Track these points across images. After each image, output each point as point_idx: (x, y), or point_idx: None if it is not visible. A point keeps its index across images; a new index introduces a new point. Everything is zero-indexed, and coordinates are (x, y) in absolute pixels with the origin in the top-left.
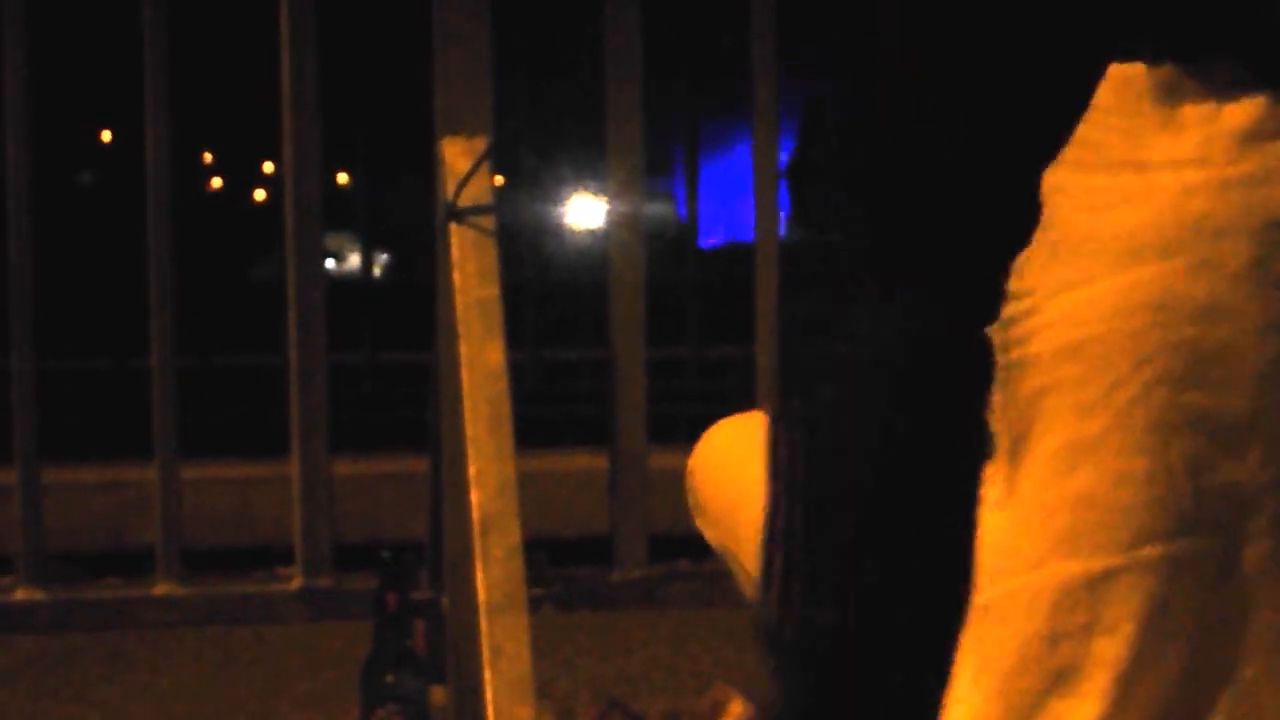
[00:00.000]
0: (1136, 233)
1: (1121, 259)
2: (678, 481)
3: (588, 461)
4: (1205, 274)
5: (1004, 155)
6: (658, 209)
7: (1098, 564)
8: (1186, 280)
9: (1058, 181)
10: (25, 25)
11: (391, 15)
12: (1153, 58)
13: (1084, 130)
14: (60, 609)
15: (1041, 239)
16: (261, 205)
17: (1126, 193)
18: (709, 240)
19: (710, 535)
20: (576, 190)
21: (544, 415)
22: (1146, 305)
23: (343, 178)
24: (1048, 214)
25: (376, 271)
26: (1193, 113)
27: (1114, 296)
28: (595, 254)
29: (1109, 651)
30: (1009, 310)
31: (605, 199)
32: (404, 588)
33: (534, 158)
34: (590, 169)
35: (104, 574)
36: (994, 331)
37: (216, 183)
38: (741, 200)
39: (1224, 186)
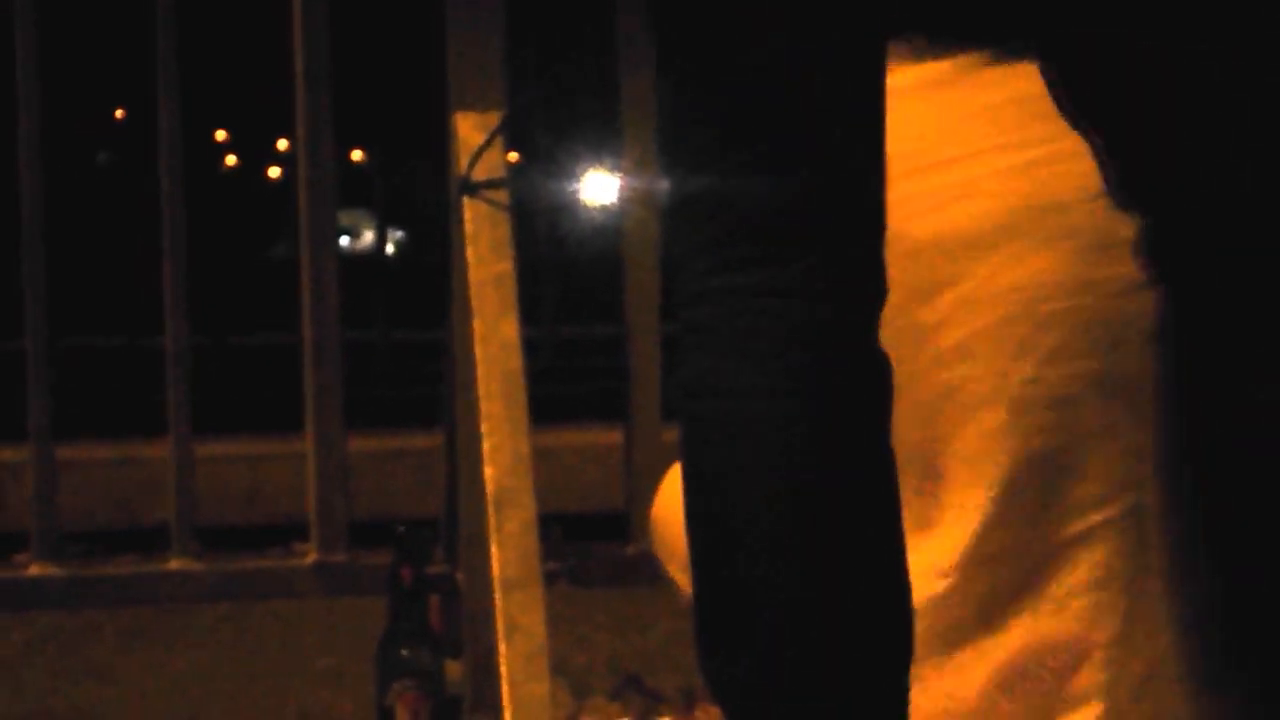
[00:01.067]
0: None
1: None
2: None
3: (603, 437)
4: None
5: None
6: None
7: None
8: (1037, 259)
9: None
10: (38, 5)
11: None
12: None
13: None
14: (75, 585)
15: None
16: (276, 183)
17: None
18: None
19: (682, 581)
20: (592, 166)
21: (559, 391)
22: (1011, 288)
23: (357, 154)
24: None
25: (391, 248)
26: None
27: (978, 289)
28: (610, 230)
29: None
30: (897, 322)
31: (620, 175)
32: (419, 563)
33: (548, 133)
34: (605, 145)
35: (119, 552)
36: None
37: (231, 160)
38: None
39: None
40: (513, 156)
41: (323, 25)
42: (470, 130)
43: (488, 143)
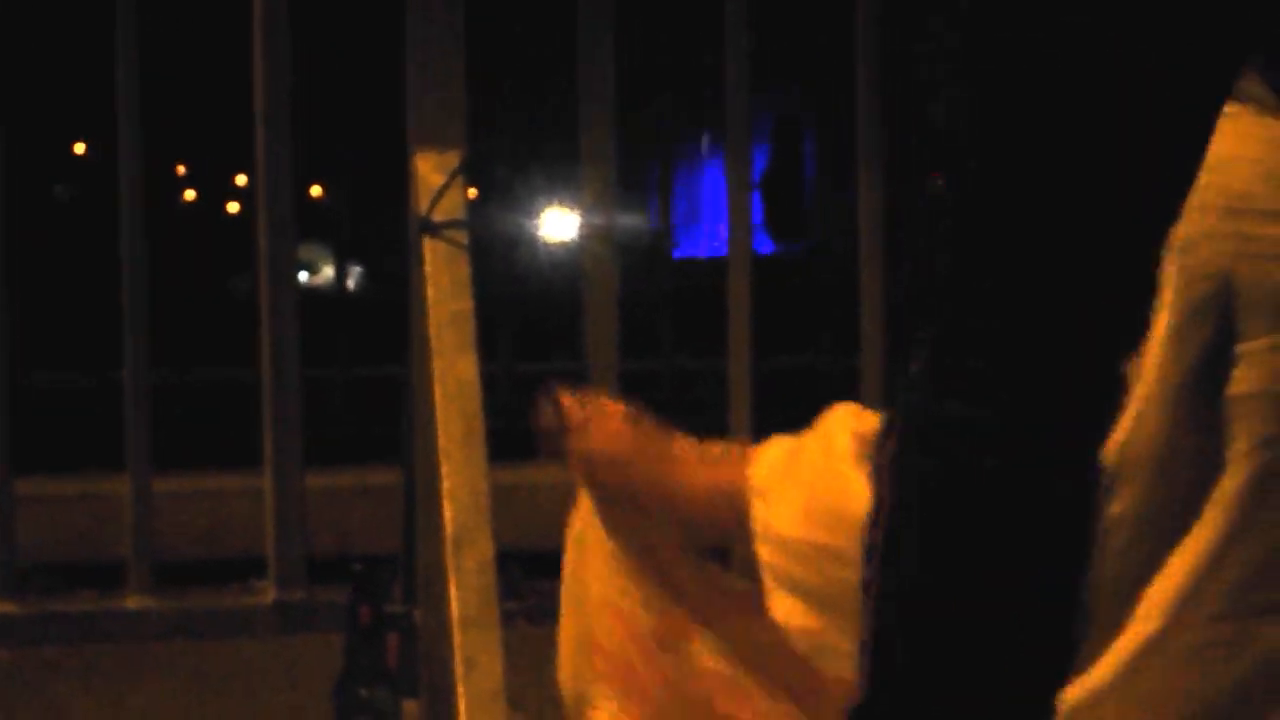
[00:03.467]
0: None
1: None
2: None
3: (561, 475)
4: None
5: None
6: (631, 221)
7: None
8: None
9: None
10: None
11: (365, 28)
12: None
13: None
14: (32, 622)
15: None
16: (234, 217)
17: None
18: (683, 252)
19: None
20: (550, 203)
21: (518, 428)
22: None
23: (316, 190)
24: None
25: (350, 284)
26: None
27: None
28: (569, 267)
29: None
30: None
31: (578, 212)
32: (377, 601)
33: (508, 172)
34: (564, 182)
35: (80, 586)
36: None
37: (190, 195)
38: (715, 212)
39: None
40: (471, 192)
41: (283, 61)
42: (430, 170)
43: (448, 184)
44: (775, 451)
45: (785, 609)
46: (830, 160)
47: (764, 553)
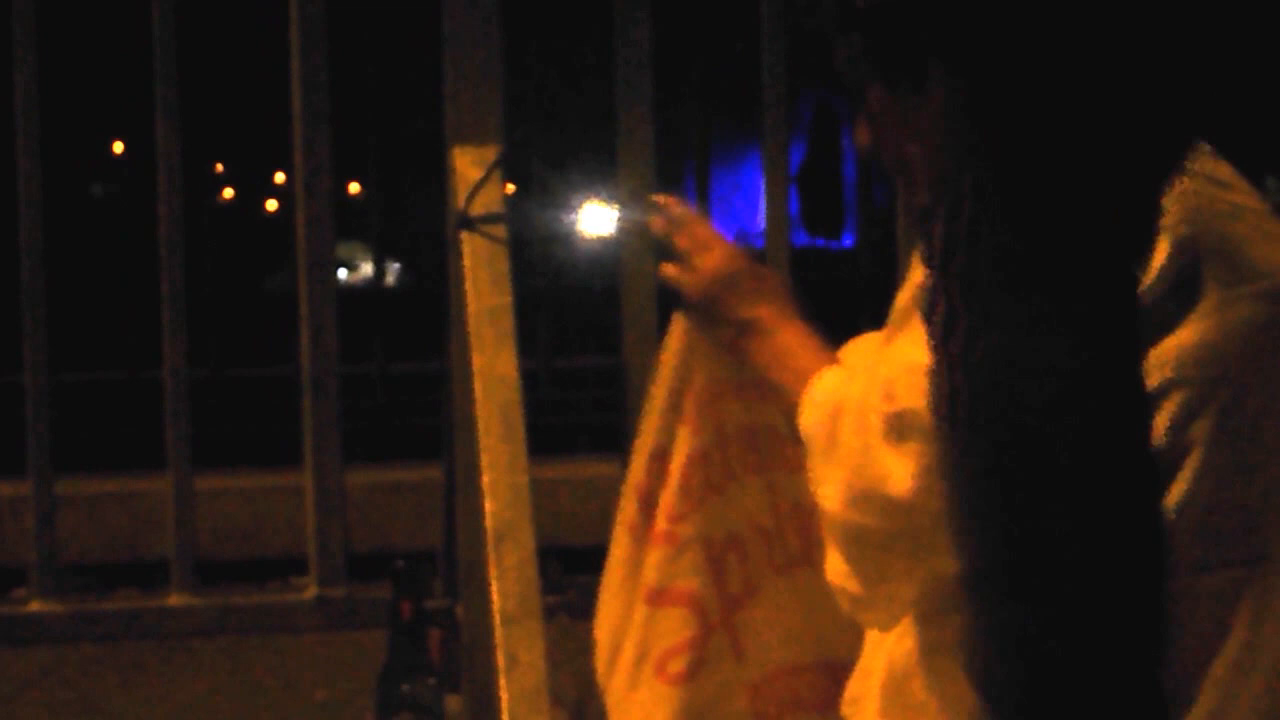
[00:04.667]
0: None
1: None
2: None
3: (601, 469)
4: None
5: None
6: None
7: None
8: None
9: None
10: (37, 38)
11: (402, 25)
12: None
13: None
14: (75, 620)
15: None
16: (273, 215)
17: None
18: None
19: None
20: (588, 198)
21: (557, 423)
22: None
23: (354, 187)
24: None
25: (389, 280)
26: None
27: None
28: (607, 262)
29: None
30: None
31: (616, 207)
32: (418, 597)
33: (545, 166)
34: (602, 177)
35: (119, 585)
36: None
37: (228, 193)
38: (752, 206)
39: None
40: (510, 188)
41: (321, 59)
42: (468, 165)
43: (485, 178)
44: (820, 405)
45: (833, 567)
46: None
47: (823, 522)
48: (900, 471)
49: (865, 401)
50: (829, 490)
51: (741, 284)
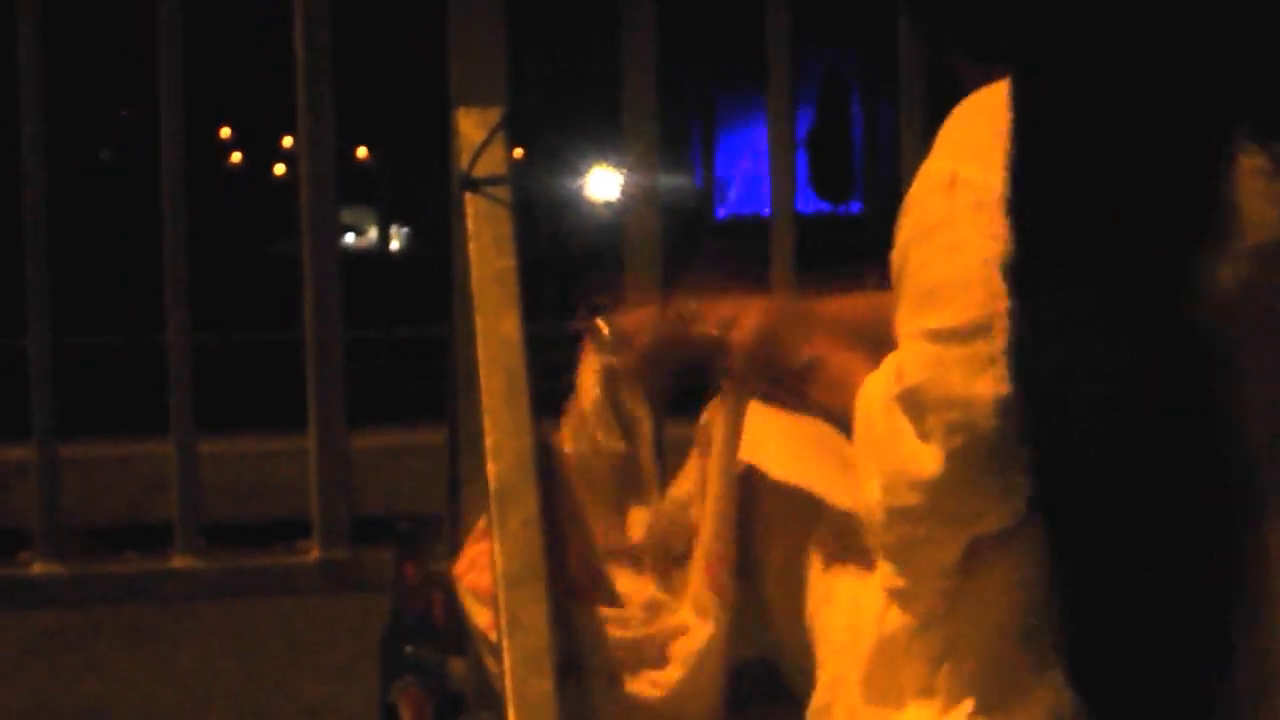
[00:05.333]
0: None
1: None
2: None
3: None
4: None
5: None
6: (675, 181)
7: None
8: None
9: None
10: (41, 4)
11: None
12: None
13: None
14: (79, 583)
15: None
16: (281, 180)
17: None
18: (726, 211)
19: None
20: (594, 163)
21: (561, 388)
22: None
23: (361, 152)
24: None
25: (394, 245)
26: None
27: None
28: (612, 226)
29: None
30: None
31: (622, 171)
32: (422, 559)
33: (551, 131)
34: (608, 141)
35: (123, 549)
36: None
37: (236, 158)
38: (759, 171)
39: None
40: (517, 153)
41: (324, 21)
42: (472, 127)
43: (489, 139)
44: (859, 409)
45: (883, 575)
46: (875, 118)
47: (870, 540)
48: (925, 452)
49: (886, 389)
50: (869, 485)
51: (785, 334)
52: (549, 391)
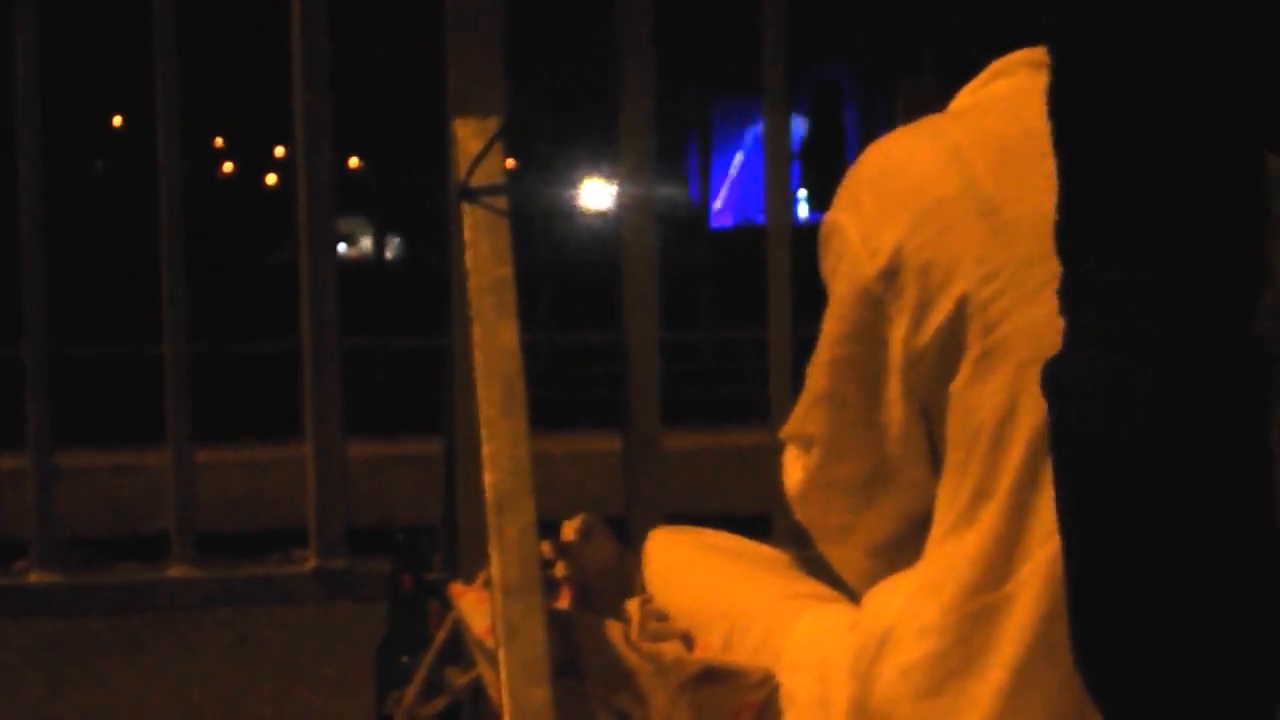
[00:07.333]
0: None
1: None
2: (691, 463)
3: (601, 443)
4: None
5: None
6: (670, 191)
7: None
8: None
9: None
10: (36, 11)
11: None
12: None
13: None
14: (75, 592)
15: None
16: (273, 190)
17: None
18: (721, 222)
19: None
20: (589, 173)
21: (557, 397)
22: None
23: (354, 161)
24: None
25: (389, 255)
26: None
27: None
28: (608, 237)
29: None
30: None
31: (617, 182)
32: (418, 569)
33: (546, 140)
34: (603, 152)
35: (119, 559)
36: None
37: (228, 167)
38: (754, 182)
39: None
40: (510, 163)
41: (322, 32)
42: (469, 136)
43: (486, 149)
44: None
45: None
46: (871, 128)
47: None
48: (792, 468)
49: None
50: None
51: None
52: (545, 401)
